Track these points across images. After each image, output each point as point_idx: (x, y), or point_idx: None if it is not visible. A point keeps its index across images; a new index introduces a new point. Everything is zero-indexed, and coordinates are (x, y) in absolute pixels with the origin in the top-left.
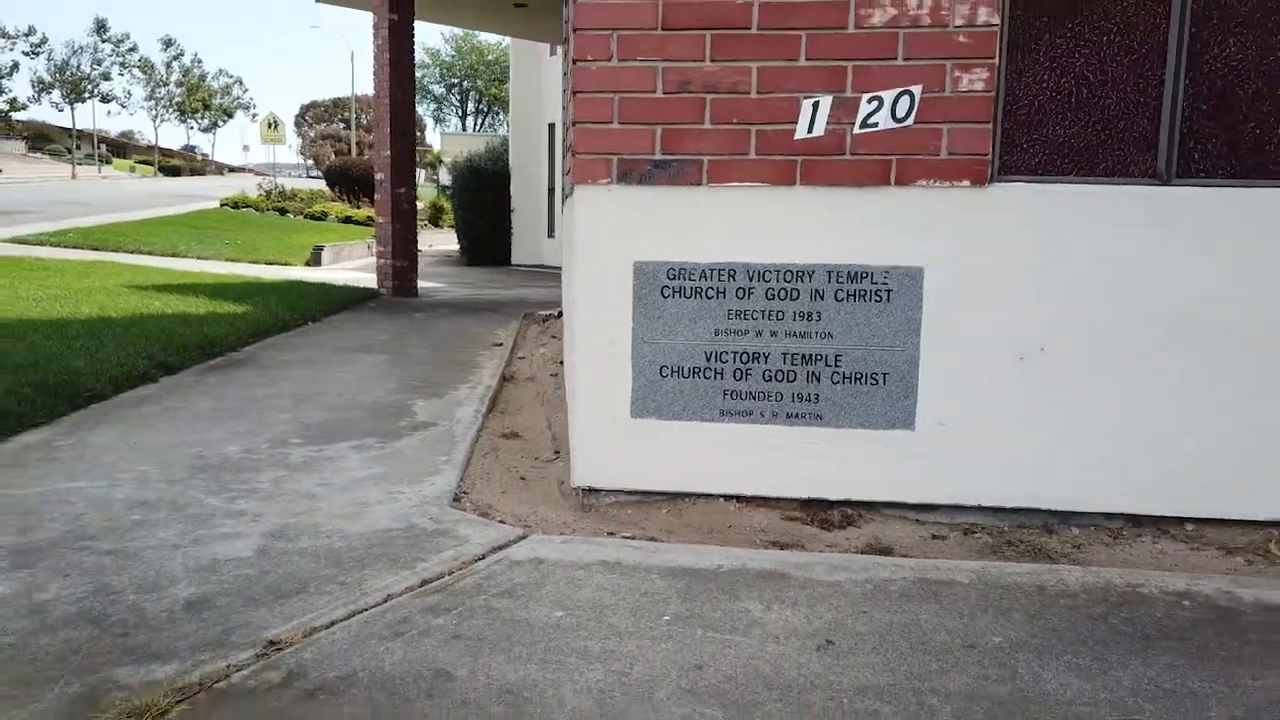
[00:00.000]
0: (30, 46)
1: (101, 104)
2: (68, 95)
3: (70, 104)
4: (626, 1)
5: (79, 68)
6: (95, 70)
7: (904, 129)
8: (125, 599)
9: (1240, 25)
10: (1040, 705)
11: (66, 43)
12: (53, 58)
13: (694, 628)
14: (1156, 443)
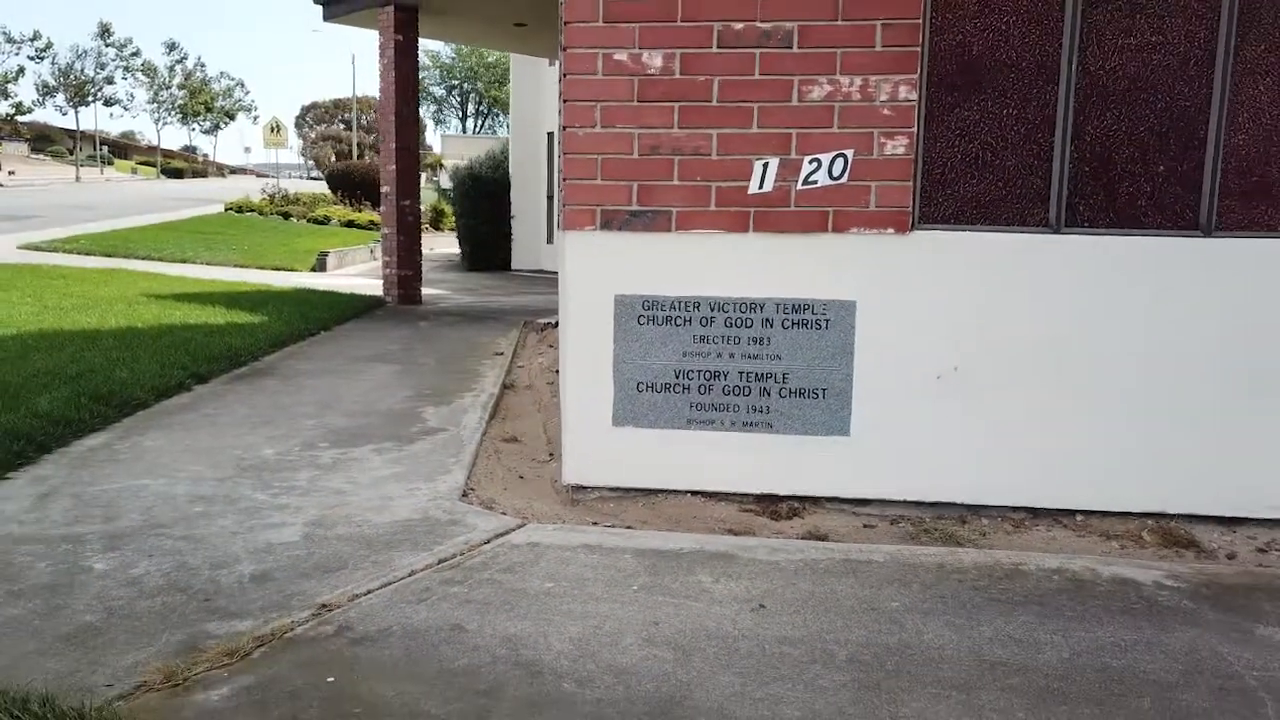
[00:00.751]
0: (35, 51)
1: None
2: (72, 99)
3: (74, 107)
4: (608, 79)
5: (83, 71)
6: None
7: (839, 186)
8: (202, 573)
9: (1115, 103)
10: (915, 650)
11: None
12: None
13: (655, 595)
14: (1051, 446)
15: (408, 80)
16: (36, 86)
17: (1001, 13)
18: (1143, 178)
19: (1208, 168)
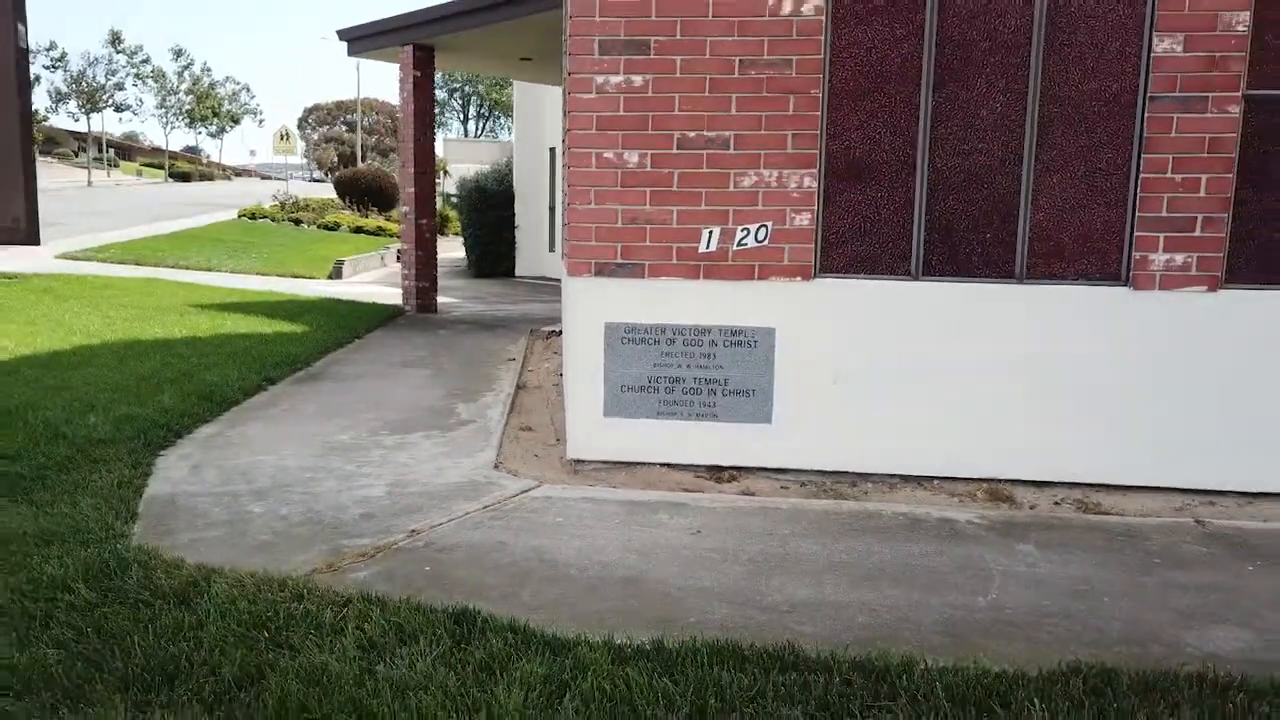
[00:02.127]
0: (51, 61)
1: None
2: (84, 105)
3: (86, 114)
4: (599, 170)
5: (94, 78)
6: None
7: (763, 247)
8: (326, 514)
9: (955, 190)
10: (791, 556)
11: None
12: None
13: (629, 526)
14: (914, 430)
15: (425, 111)
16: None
17: (875, 126)
18: (975, 242)
19: (1019, 235)
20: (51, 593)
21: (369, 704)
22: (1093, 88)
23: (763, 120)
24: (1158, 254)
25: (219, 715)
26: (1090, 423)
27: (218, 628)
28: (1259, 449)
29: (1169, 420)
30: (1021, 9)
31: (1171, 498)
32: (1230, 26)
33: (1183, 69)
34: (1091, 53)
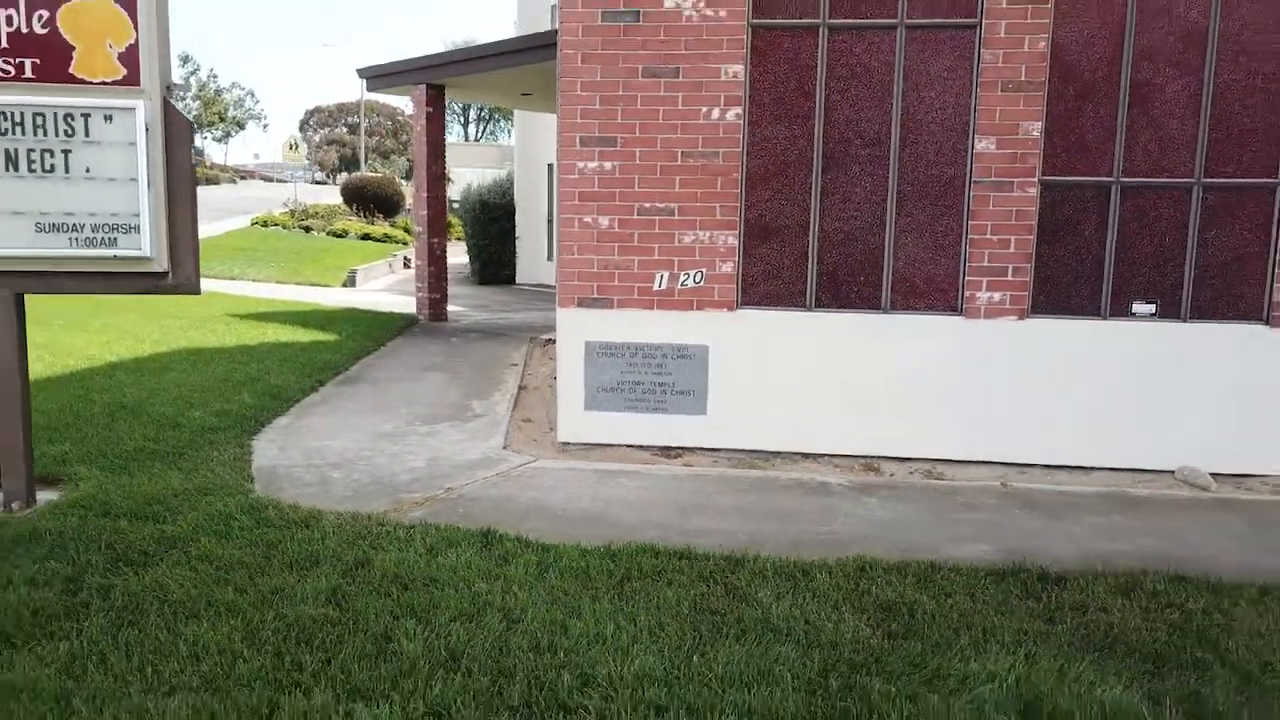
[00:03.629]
0: None
1: None
2: None
3: None
4: (580, 230)
5: None
6: None
7: (699, 287)
8: (385, 479)
9: (838, 245)
10: (709, 504)
11: None
12: None
13: (599, 485)
14: (811, 420)
15: (436, 142)
16: None
17: (779, 200)
18: (852, 283)
19: (884, 279)
20: (226, 521)
21: (434, 574)
22: (934, 174)
23: (698, 195)
24: (982, 293)
25: (348, 579)
26: (937, 414)
27: (334, 539)
28: (1056, 431)
29: (993, 411)
30: (882, 117)
31: (995, 469)
32: (1028, 132)
33: (995, 162)
34: (932, 149)
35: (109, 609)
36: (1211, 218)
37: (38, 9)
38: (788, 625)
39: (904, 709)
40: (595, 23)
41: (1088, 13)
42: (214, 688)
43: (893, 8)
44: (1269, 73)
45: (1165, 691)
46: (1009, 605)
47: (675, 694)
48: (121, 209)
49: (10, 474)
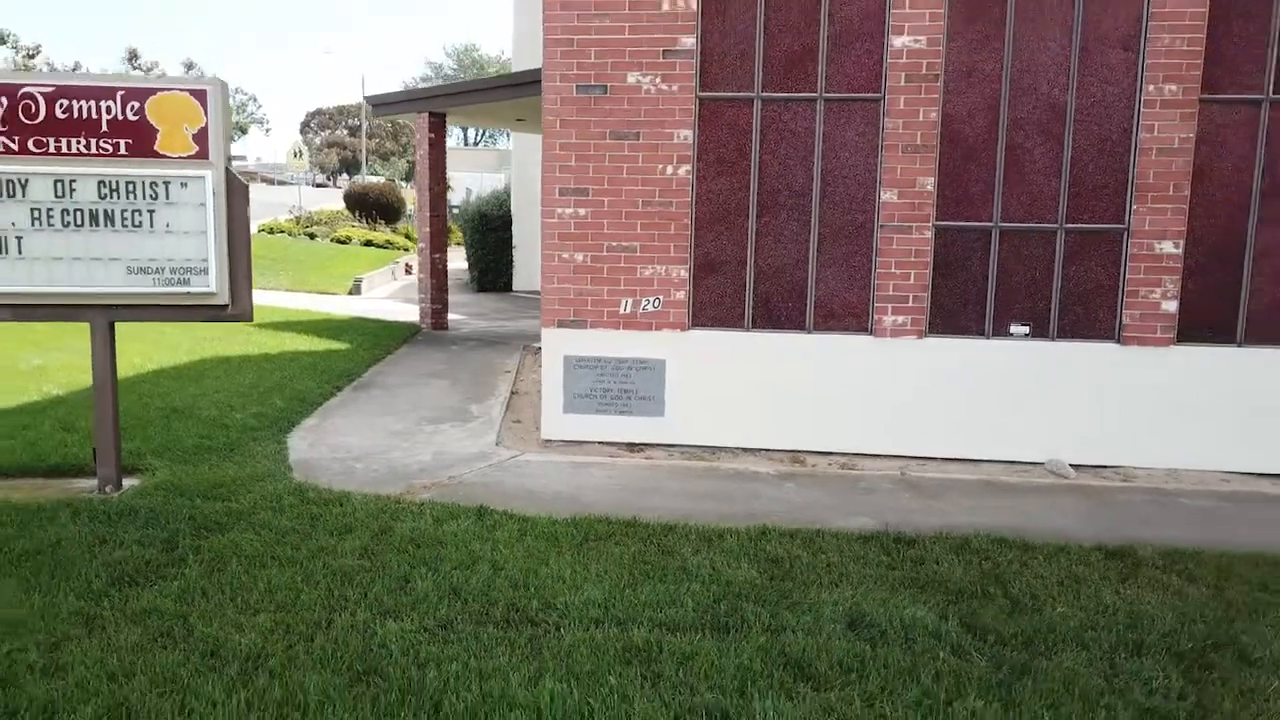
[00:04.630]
0: None
1: None
2: None
3: None
4: (559, 264)
5: None
6: None
7: (657, 311)
8: (399, 468)
9: (772, 276)
10: (663, 487)
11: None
12: None
13: (573, 474)
14: (749, 421)
15: (438, 165)
16: None
17: (722, 240)
18: (782, 308)
19: (808, 305)
20: (277, 500)
21: (440, 537)
22: (848, 219)
23: (655, 236)
24: (888, 316)
25: (375, 541)
26: (852, 416)
27: (362, 513)
28: (949, 429)
29: (897, 413)
30: (805, 173)
31: (899, 461)
32: (923, 185)
33: (898, 209)
34: (847, 198)
35: (200, 561)
36: (1072, 256)
37: (131, 101)
38: (698, 570)
39: (765, 622)
40: (571, 94)
41: (970, 90)
42: (285, 610)
43: (813, 84)
44: (1114, 140)
45: (953, 611)
46: (866, 558)
47: (609, 613)
48: (193, 255)
49: (105, 464)
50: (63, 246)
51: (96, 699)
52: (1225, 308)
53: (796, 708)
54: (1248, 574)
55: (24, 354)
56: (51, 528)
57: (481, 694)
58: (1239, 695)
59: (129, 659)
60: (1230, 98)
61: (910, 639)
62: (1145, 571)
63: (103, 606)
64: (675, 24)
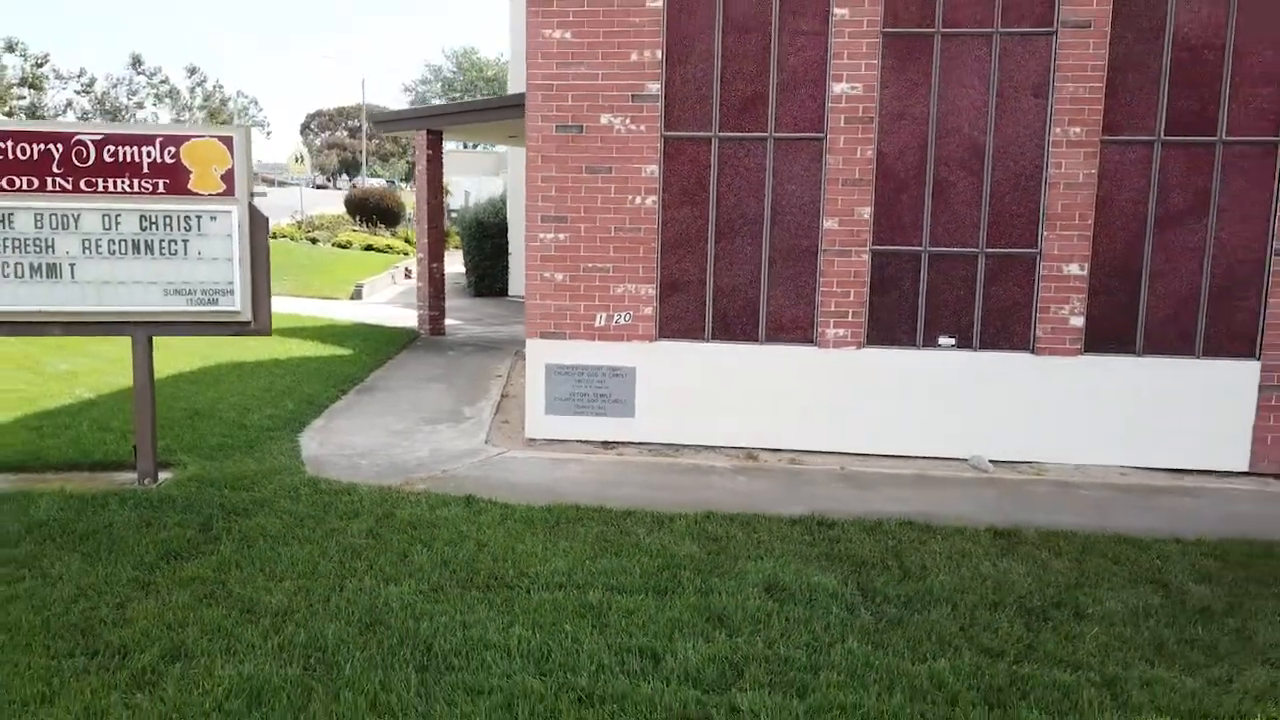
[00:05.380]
0: (82, 86)
1: None
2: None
3: None
4: (541, 282)
5: (117, 99)
6: (131, 100)
7: (629, 325)
8: (399, 463)
9: (728, 295)
10: (629, 478)
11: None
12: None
13: (552, 468)
14: (709, 421)
15: (435, 180)
16: (76, 114)
17: (685, 262)
18: (738, 322)
19: (761, 319)
20: (294, 490)
21: (434, 521)
22: (795, 243)
23: (626, 258)
24: (830, 329)
25: (379, 524)
26: (799, 417)
27: (368, 501)
28: (885, 429)
29: (839, 415)
30: (758, 203)
31: (841, 457)
32: (861, 214)
33: (839, 235)
34: (795, 225)
35: (232, 540)
36: (992, 277)
37: (168, 146)
38: (649, 547)
39: (698, 586)
40: (552, 133)
41: (901, 131)
42: (306, 577)
43: (764, 124)
44: (1027, 175)
45: (853, 579)
46: (791, 538)
47: (571, 579)
48: (221, 279)
49: (144, 459)
50: (109, 271)
51: (159, 643)
52: (1126, 322)
53: (711, 647)
54: (1107, 550)
55: (50, 359)
56: (104, 513)
57: (464, 638)
58: (1063, 639)
59: (181, 614)
60: (1127, 139)
61: (813, 599)
62: (1023, 548)
63: (155, 575)
64: (643, 72)
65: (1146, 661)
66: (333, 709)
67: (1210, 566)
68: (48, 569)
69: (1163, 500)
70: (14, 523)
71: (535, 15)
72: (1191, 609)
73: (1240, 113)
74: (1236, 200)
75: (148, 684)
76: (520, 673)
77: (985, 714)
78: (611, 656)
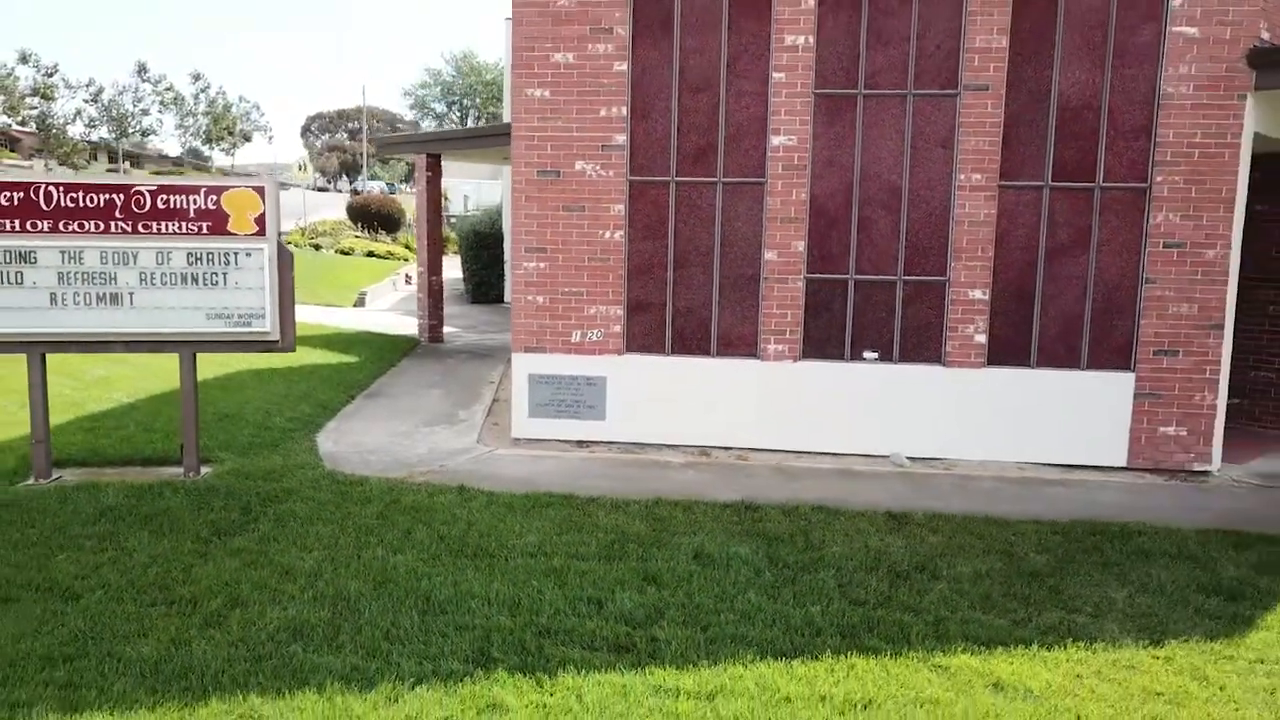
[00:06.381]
0: (91, 95)
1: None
2: (114, 133)
3: (116, 140)
4: (526, 304)
5: (123, 106)
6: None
7: (600, 340)
8: (403, 459)
9: (685, 315)
10: (595, 473)
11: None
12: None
13: (533, 464)
14: (669, 423)
15: (434, 199)
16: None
17: (648, 287)
18: (693, 338)
19: (712, 335)
20: (316, 481)
21: (432, 505)
22: (741, 272)
23: (598, 284)
24: (771, 345)
25: (387, 508)
26: (746, 419)
27: (377, 489)
28: (819, 430)
29: (780, 419)
30: (709, 237)
31: (781, 455)
32: (796, 248)
33: (778, 265)
34: (741, 256)
35: (269, 520)
36: (909, 300)
37: (211, 195)
38: (605, 525)
39: (640, 555)
40: (534, 177)
41: (830, 177)
42: (330, 549)
43: (714, 170)
44: (937, 214)
45: (764, 550)
46: (721, 519)
47: (541, 550)
48: (254, 305)
49: (189, 455)
50: (162, 299)
51: (220, 595)
52: (1021, 339)
53: (643, 598)
54: (976, 529)
55: (86, 366)
56: (162, 499)
57: (455, 591)
58: (914, 593)
59: (234, 574)
60: (1021, 184)
61: (729, 564)
62: (909, 528)
63: (210, 546)
64: (611, 125)
65: (972, 608)
66: (356, 639)
67: (1053, 541)
68: (123, 542)
69: (1042, 490)
70: (90, 507)
71: (519, 76)
72: (1025, 572)
73: (1115, 162)
74: (1113, 236)
75: (215, 623)
76: (496, 614)
77: (839, 641)
78: (566, 604)
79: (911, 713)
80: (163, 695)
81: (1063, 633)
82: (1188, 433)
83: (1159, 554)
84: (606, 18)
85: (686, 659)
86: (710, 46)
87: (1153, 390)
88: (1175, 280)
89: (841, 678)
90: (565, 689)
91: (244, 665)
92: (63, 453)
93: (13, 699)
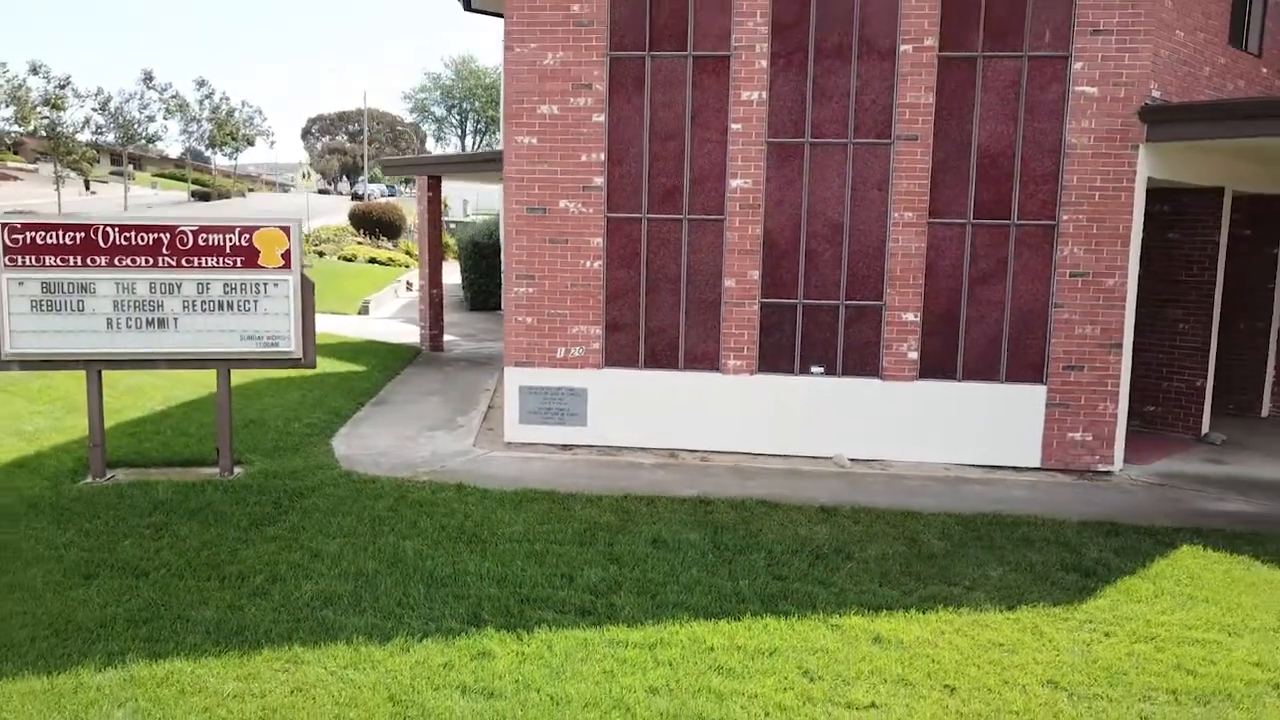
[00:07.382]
0: (99, 104)
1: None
2: (120, 139)
3: (123, 146)
4: (517, 324)
5: (129, 113)
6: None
7: (582, 355)
8: (409, 461)
9: (658, 334)
10: (578, 473)
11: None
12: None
13: (522, 464)
14: (643, 429)
15: (435, 217)
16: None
17: (624, 309)
18: (664, 354)
19: (680, 351)
20: (335, 480)
21: (434, 500)
22: (705, 296)
23: (580, 306)
24: (731, 360)
25: (396, 502)
26: (708, 426)
27: (388, 486)
28: (772, 435)
29: (738, 424)
30: (676, 266)
31: (739, 457)
32: (752, 277)
33: (736, 291)
34: (704, 283)
35: (297, 513)
36: (851, 321)
37: (244, 234)
38: (580, 516)
39: (607, 540)
40: (524, 213)
41: (781, 214)
42: (349, 537)
43: (680, 208)
44: (874, 247)
45: (711, 536)
46: (679, 511)
47: (525, 536)
48: (280, 328)
49: (224, 457)
50: (202, 323)
51: (262, 573)
52: (949, 356)
53: (606, 573)
54: (892, 520)
55: (118, 377)
56: (204, 495)
57: (453, 570)
58: (827, 571)
59: (273, 556)
60: (947, 221)
61: (680, 547)
62: (836, 519)
63: (250, 534)
64: (591, 169)
65: (872, 582)
66: (375, 605)
67: (955, 530)
68: (177, 531)
69: (961, 488)
70: (144, 502)
71: (510, 125)
72: (924, 555)
73: (1027, 203)
74: (1026, 267)
75: (261, 594)
76: (487, 587)
77: (759, 606)
78: (543, 578)
79: (806, 658)
80: (225, 647)
81: (939, 601)
82: (1093, 438)
83: (1040, 540)
84: (586, 75)
85: (636, 620)
86: (677, 101)
87: (1062, 401)
88: (1080, 305)
89: (756, 633)
90: (540, 641)
91: (287, 625)
92: (112, 455)
93: (109, 649)
